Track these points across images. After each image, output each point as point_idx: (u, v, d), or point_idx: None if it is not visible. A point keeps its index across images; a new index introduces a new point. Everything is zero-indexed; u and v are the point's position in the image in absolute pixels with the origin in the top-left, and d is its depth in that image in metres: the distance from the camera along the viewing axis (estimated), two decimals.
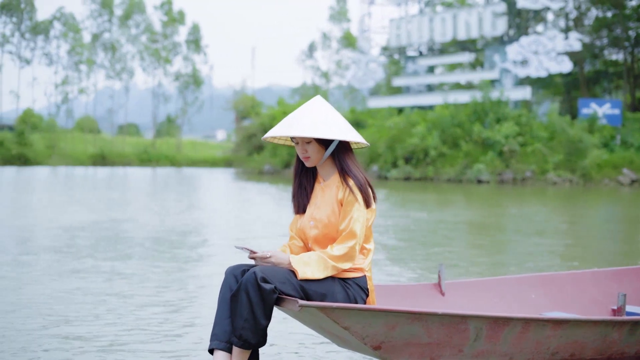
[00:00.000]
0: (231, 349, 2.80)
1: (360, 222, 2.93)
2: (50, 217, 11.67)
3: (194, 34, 67.67)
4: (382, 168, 36.48)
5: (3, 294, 5.12)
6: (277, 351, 3.80)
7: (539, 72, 38.54)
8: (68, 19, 63.19)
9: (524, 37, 39.28)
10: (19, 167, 45.67)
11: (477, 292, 3.75)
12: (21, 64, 62.00)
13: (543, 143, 33.39)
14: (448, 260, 7.51)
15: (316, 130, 2.90)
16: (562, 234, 11.14)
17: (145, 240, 8.78)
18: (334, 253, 2.90)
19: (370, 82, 49.55)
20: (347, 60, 67.28)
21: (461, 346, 2.91)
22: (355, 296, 2.96)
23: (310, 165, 3.06)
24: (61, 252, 7.42)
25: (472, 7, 44.10)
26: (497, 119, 35.30)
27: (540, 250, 8.70)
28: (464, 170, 33.61)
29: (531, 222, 12.67)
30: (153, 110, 67.73)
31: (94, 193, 19.59)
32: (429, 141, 35.00)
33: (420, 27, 44.20)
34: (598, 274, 4.04)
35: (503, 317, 2.90)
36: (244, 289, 2.74)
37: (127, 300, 5.01)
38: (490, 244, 9.43)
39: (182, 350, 3.80)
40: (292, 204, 3.18)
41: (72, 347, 3.76)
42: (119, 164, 55.97)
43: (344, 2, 67.43)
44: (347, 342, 2.94)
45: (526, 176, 32.43)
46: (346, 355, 3.73)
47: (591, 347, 3.09)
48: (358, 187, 2.96)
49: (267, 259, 2.88)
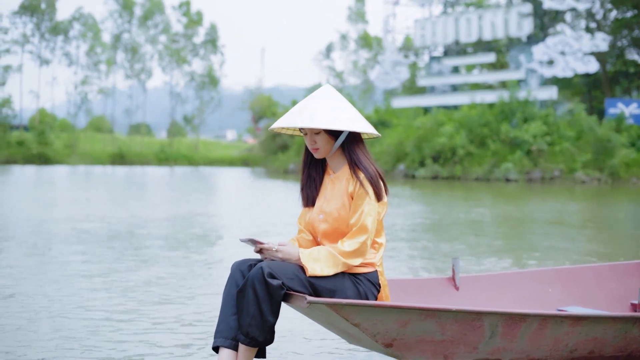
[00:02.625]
0: (237, 346, 2.71)
1: (371, 216, 2.83)
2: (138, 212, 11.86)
3: (211, 34, 67.93)
4: (409, 167, 37.19)
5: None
6: (286, 348, 3.73)
7: (565, 72, 38.72)
8: (87, 20, 63.67)
9: (550, 38, 39.51)
10: (39, 166, 46.12)
11: (492, 287, 3.64)
12: (41, 63, 62.59)
13: (571, 142, 33.72)
14: (473, 254, 7.41)
15: (325, 120, 2.80)
16: (589, 229, 11.01)
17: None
18: (345, 249, 2.80)
19: (395, 82, 49.74)
20: (363, 60, 67.65)
21: (476, 343, 2.81)
22: (366, 292, 2.86)
23: (319, 156, 2.95)
24: (175, 244, 7.43)
25: (498, 7, 44.26)
26: (525, 119, 35.76)
27: (566, 245, 8.57)
28: (492, 169, 34.12)
29: (559, 217, 12.57)
30: (170, 110, 68.11)
31: (149, 191, 20.33)
32: (457, 140, 35.52)
33: (445, 28, 44.47)
34: (618, 267, 3.90)
35: (519, 313, 2.80)
36: (250, 284, 2.66)
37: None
38: (514, 238, 9.32)
39: (185, 344, 3.75)
40: (301, 197, 3.07)
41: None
42: (137, 163, 56.35)
43: (362, 3, 67.55)
44: (358, 339, 2.86)
45: (554, 175, 32.77)
46: (364, 354, 3.65)
47: (611, 344, 2.97)
48: (369, 179, 2.86)
49: (274, 253, 2.79)
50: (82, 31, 63.66)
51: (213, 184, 27.31)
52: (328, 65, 70.69)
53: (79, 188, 21.23)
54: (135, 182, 26.51)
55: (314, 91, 2.99)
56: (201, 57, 67.74)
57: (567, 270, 3.86)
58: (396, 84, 50.17)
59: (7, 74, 58.78)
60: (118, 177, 31.39)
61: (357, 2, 67.69)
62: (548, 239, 9.29)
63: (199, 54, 67.56)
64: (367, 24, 68.57)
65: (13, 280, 5.55)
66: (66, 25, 62.69)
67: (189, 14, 66.48)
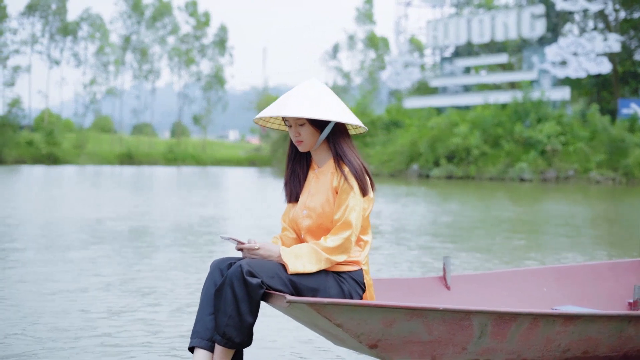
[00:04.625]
0: (213, 347, 2.61)
1: (356, 211, 2.73)
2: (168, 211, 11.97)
3: (220, 35, 68.08)
4: (423, 167, 37.69)
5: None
6: (275, 349, 3.65)
7: (578, 72, 39.03)
8: (95, 20, 63.88)
9: (562, 38, 39.83)
10: (49, 166, 46.30)
11: (485, 286, 3.53)
12: (50, 64, 62.85)
13: (584, 142, 34.02)
14: (482, 253, 7.31)
15: (310, 110, 2.70)
16: (600, 228, 10.91)
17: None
18: (328, 245, 2.69)
19: (407, 82, 49.89)
20: (370, 61, 67.94)
21: (465, 344, 2.70)
22: (350, 291, 2.76)
23: (303, 149, 2.85)
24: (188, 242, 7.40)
25: (511, 9, 44.51)
26: (538, 119, 36.13)
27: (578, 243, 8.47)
28: (506, 169, 34.54)
29: (571, 217, 12.48)
30: (178, 110, 68.29)
31: (172, 190, 20.52)
32: (471, 140, 35.92)
33: (457, 29, 44.62)
34: (617, 265, 3.78)
35: (509, 312, 2.69)
36: (228, 283, 2.56)
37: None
38: (526, 237, 9.24)
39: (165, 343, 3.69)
40: (284, 192, 2.97)
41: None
42: (145, 163, 56.48)
43: (370, 4, 67.75)
44: (342, 340, 2.76)
45: (569, 175, 33.10)
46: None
47: (605, 343, 2.86)
48: (353, 174, 2.75)
49: (256, 251, 2.69)
50: (90, 32, 63.89)
51: (227, 184, 27.38)
52: (335, 65, 71.06)
53: (99, 187, 21.40)
54: (153, 182, 26.62)
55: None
56: (209, 57, 67.90)
57: (564, 268, 3.74)
58: (408, 84, 50.33)
59: (16, 75, 59.07)
60: (135, 177, 31.46)
61: (365, 3, 68.11)
62: (561, 240, 9.18)
63: (207, 55, 67.72)
64: (374, 25, 69.10)
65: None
66: (74, 26, 62.94)
67: (196, 14, 66.68)
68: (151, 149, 61.39)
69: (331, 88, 69.02)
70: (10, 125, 52.62)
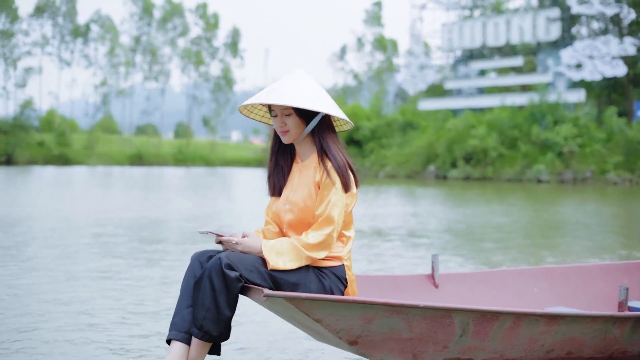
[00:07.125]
0: (190, 340, 2.59)
1: (338, 207, 2.69)
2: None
3: (232, 37, 68.29)
4: (440, 168, 38.00)
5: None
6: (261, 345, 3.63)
7: (593, 75, 39.23)
8: (105, 22, 64.19)
9: (577, 42, 40.20)
10: (60, 166, 46.46)
11: (473, 285, 3.48)
12: (61, 65, 63.18)
13: (601, 144, 34.29)
14: (497, 254, 7.25)
15: (299, 100, 2.66)
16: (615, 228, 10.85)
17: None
18: (309, 241, 2.66)
19: (422, 85, 49.98)
20: (378, 62, 68.14)
21: (446, 342, 2.67)
22: (331, 286, 2.72)
23: (287, 141, 2.81)
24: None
25: (526, 12, 44.74)
26: (555, 121, 36.40)
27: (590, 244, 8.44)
28: (524, 170, 34.79)
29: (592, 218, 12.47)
30: (187, 111, 68.57)
31: (187, 191, 20.75)
32: (489, 142, 36.24)
33: (472, 32, 44.74)
34: (608, 267, 3.73)
35: (491, 310, 2.65)
36: (207, 275, 2.53)
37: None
38: (544, 237, 9.23)
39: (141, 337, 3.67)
40: (267, 185, 2.94)
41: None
42: (155, 163, 56.64)
43: (379, 7, 67.86)
44: (323, 336, 2.73)
45: (586, 176, 33.32)
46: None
47: (590, 344, 2.81)
48: (336, 169, 2.72)
49: (235, 246, 2.66)
50: (100, 33, 64.20)
51: (240, 184, 27.41)
52: (342, 66, 71.29)
53: (118, 188, 21.52)
54: (169, 183, 26.67)
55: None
56: (219, 59, 68.14)
57: (556, 269, 3.70)
58: (423, 86, 50.48)
59: (27, 76, 59.41)
60: (148, 177, 31.60)
61: (374, 5, 68.19)
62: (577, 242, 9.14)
63: (217, 57, 67.97)
64: (383, 27, 69.27)
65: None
66: (85, 29, 63.27)
67: (206, 16, 66.95)
68: (158, 150, 61.60)
69: (341, 89, 69.75)
70: (22, 126, 52.79)
